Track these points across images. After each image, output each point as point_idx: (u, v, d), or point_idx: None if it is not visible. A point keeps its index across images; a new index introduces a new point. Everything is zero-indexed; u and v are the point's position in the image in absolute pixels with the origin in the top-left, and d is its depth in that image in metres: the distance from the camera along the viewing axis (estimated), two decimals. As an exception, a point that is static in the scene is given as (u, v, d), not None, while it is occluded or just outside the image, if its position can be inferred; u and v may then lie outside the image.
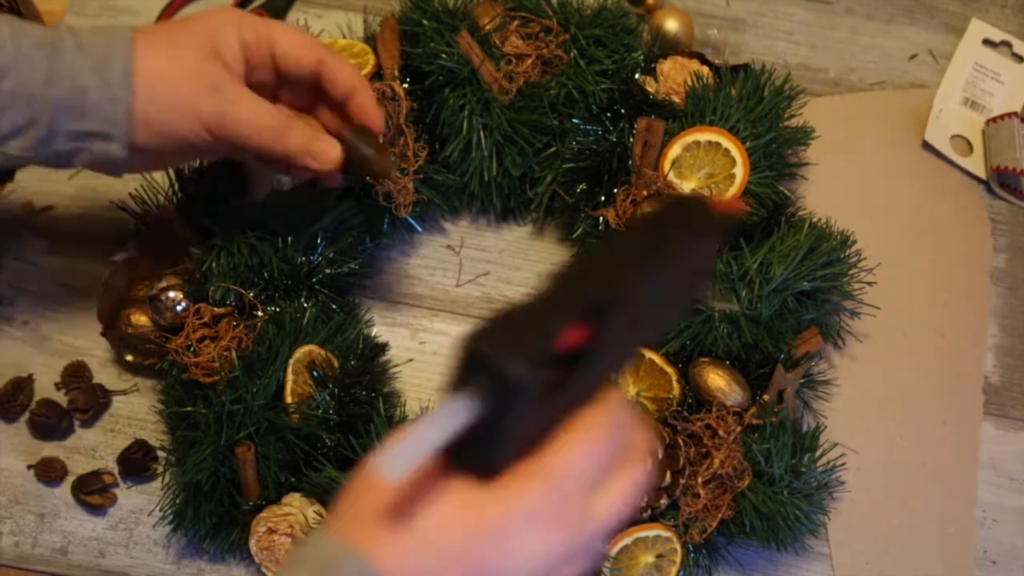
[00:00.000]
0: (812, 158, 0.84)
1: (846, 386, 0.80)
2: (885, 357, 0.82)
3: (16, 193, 0.85)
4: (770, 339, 0.73)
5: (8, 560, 0.76)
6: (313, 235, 0.74)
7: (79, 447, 0.78)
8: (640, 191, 0.77)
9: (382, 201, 0.77)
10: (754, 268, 0.73)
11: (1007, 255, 0.87)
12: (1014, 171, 0.86)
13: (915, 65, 0.92)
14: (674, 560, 0.71)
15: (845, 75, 0.92)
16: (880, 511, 0.78)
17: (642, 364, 0.75)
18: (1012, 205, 0.88)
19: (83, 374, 0.79)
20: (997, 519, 0.79)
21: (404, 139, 0.77)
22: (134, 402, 0.79)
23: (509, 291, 0.84)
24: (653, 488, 0.69)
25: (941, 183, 0.88)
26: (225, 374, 0.70)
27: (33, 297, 0.82)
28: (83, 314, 0.81)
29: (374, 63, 0.80)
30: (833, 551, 0.77)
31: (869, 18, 0.94)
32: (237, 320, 0.72)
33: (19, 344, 0.81)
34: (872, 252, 0.78)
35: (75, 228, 0.84)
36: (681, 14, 0.87)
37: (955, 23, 0.93)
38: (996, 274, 0.86)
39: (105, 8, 0.92)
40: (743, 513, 0.71)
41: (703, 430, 0.72)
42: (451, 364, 0.41)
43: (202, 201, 0.75)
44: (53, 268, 0.83)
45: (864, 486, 0.78)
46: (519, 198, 0.82)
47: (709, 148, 0.77)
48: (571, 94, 0.79)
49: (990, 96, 0.91)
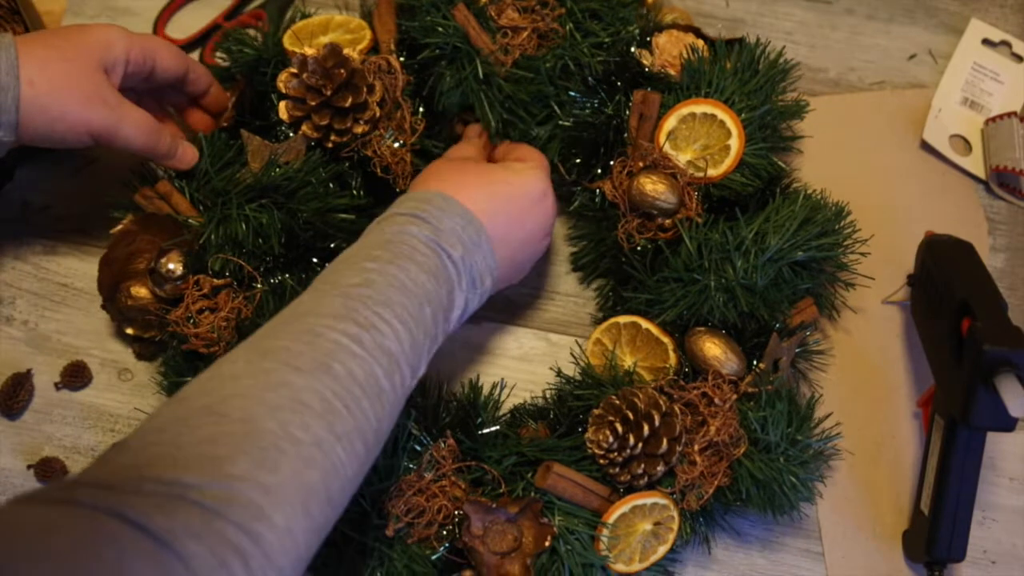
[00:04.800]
0: (809, 154, 0.85)
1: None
2: (876, 350, 0.83)
3: (15, 193, 0.85)
4: (766, 308, 0.74)
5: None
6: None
7: (79, 447, 0.78)
8: (636, 163, 0.77)
9: (380, 174, 0.77)
10: (749, 238, 0.73)
11: (1006, 255, 0.87)
12: (1013, 171, 0.86)
13: (914, 65, 0.92)
14: (671, 527, 0.71)
15: (845, 75, 0.92)
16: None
17: (639, 334, 0.76)
18: (1011, 205, 0.88)
19: (82, 374, 0.79)
20: (997, 519, 0.79)
21: (401, 112, 0.78)
22: (133, 402, 0.79)
23: (509, 291, 0.83)
24: (650, 455, 0.70)
25: (939, 182, 0.88)
26: (224, 345, 0.70)
27: (33, 297, 0.82)
28: (82, 314, 0.81)
29: (371, 38, 0.81)
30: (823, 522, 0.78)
31: (869, 18, 0.94)
32: (236, 291, 0.73)
33: (19, 344, 0.81)
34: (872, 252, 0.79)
35: (74, 228, 0.84)
36: (681, 14, 0.87)
37: (954, 23, 0.94)
38: (995, 274, 0.86)
39: (104, 8, 0.92)
40: (739, 480, 0.71)
41: (699, 398, 0.73)
42: None
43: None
44: (52, 268, 0.83)
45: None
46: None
47: (705, 120, 0.77)
48: (567, 66, 0.79)
49: (989, 96, 0.91)
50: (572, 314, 0.84)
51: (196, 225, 0.74)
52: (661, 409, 0.70)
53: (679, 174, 0.76)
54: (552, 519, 0.70)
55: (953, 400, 0.70)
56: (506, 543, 0.68)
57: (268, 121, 0.78)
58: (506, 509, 0.69)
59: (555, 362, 0.81)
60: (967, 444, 0.71)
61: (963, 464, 0.71)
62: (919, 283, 0.79)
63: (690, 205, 0.76)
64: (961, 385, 0.68)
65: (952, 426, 0.71)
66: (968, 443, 0.71)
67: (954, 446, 0.71)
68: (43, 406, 0.79)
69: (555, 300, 0.84)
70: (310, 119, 0.76)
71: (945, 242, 0.78)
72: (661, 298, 0.75)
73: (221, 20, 0.90)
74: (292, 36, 0.80)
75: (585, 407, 0.73)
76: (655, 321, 0.76)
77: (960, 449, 0.71)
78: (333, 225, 0.77)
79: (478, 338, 0.83)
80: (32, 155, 0.84)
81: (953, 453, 0.71)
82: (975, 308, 0.69)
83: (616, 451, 0.70)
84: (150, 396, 0.79)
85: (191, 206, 0.75)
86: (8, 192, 0.84)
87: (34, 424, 0.79)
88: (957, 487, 0.71)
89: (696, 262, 0.74)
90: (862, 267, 0.78)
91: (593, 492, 0.71)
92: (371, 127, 0.77)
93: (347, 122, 0.75)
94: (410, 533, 0.68)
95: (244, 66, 0.79)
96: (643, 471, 0.70)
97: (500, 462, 0.71)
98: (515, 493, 0.70)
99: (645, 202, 0.75)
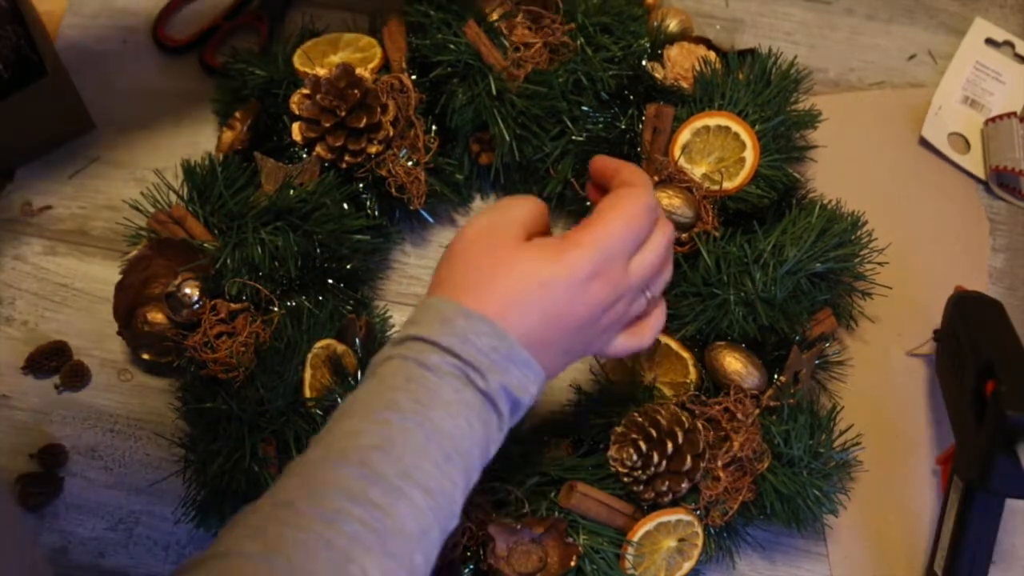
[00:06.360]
0: (809, 154, 0.85)
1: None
2: (880, 359, 0.82)
3: (15, 193, 0.84)
4: (785, 320, 0.74)
5: (11, 560, 0.76)
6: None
7: (78, 447, 0.78)
8: (651, 177, 0.77)
9: (395, 193, 0.77)
10: (768, 250, 0.73)
11: (1006, 255, 0.87)
12: (1013, 171, 0.86)
13: (914, 65, 0.92)
14: (696, 543, 0.71)
15: (844, 75, 0.92)
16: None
17: (658, 349, 0.75)
18: (1011, 205, 0.88)
19: (81, 374, 0.79)
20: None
21: (414, 131, 0.78)
22: (133, 402, 0.79)
23: None
24: (669, 464, 0.69)
25: (939, 182, 0.88)
26: (243, 370, 0.70)
27: (32, 297, 0.82)
28: (82, 314, 0.81)
29: (381, 56, 0.80)
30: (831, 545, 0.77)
31: (869, 18, 0.94)
32: (254, 315, 0.72)
33: (18, 344, 0.80)
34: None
35: (74, 228, 0.84)
36: (681, 14, 0.87)
37: (954, 23, 0.93)
38: (994, 274, 0.86)
39: (104, 8, 0.91)
40: (764, 495, 0.71)
41: (721, 413, 0.72)
42: None
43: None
44: (52, 268, 0.83)
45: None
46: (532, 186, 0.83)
47: (719, 132, 0.77)
48: (579, 81, 0.79)
49: (990, 96, 0.90)
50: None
51: (211, 249, 0.73)
52: (684, 426, 0.70)
53: (695, 188, 0.76)
54: (577, 538, 0.69)
55: (972, 463, 0.69)
56: (531, 564, 0.68)
57: (282, 142, 0.78)
58: (530, 529, 0.68)
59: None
60: (985, 508, 0.69)
61: (980, 528, 0.70)
62: (945, 339, 0.78)
63: (706, 219, 0.76)
64: (981, 449, 0.67)
65: (970, 489, 0.70)
66: (986, 507, 0.69)
67: (971, 510, 0.69)
68: (43, 406, 0.79)
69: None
70: (324, 140, 0.75)
71: (974, 299, 0.76)
72: (680, 313, 0.75)
73: (221, 20, 0.90)
74: (302, 55, 0.79)
75: (607, 424, 0.73)
76: (675, 336, 0.75)
77: (977, 513, 0.69)
78: (349, 246, 0.76)
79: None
80: (32, 155, 0.84)
81: (970, 516, 0.69)
82: (1000, 371, 0.67)
83: (640, 469, 0.70)
84: (149, 396, 0.79)
85: (206, 230, 0.75)
86: (8, 192, 0.84)
87: (33, 424, 0.78)
88: (972, 551, 0.70)
89: (715, 276, 0.74)
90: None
91: (617, 510, 0.70)
92: (385, 147, 0.77)
93: (361, 142, 0.75)
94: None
95: (256, 88, 0.79)
96: (667, 488, 0.69)
97: (523, 482, 0.71)
98: (539, 513, 0.70)
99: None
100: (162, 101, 0.88)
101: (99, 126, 0.87)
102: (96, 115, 0.86)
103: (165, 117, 0.87)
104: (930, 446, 0.80)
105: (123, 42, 0.90)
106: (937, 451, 0.80)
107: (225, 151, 0.78)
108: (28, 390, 0.79)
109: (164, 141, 0.86)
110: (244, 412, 0.69)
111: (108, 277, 0.80)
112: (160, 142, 0.86)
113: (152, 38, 0.90)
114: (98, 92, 0.87)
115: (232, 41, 0.89)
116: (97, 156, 0.86)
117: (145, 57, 0.89)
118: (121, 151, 0.86)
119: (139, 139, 0.86)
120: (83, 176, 0.85)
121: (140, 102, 0.88)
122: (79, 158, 0.86)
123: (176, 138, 0.86)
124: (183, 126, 0.87)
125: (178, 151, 0.84)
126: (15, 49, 0.80)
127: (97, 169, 0.86)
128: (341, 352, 0.73)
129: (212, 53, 0.88)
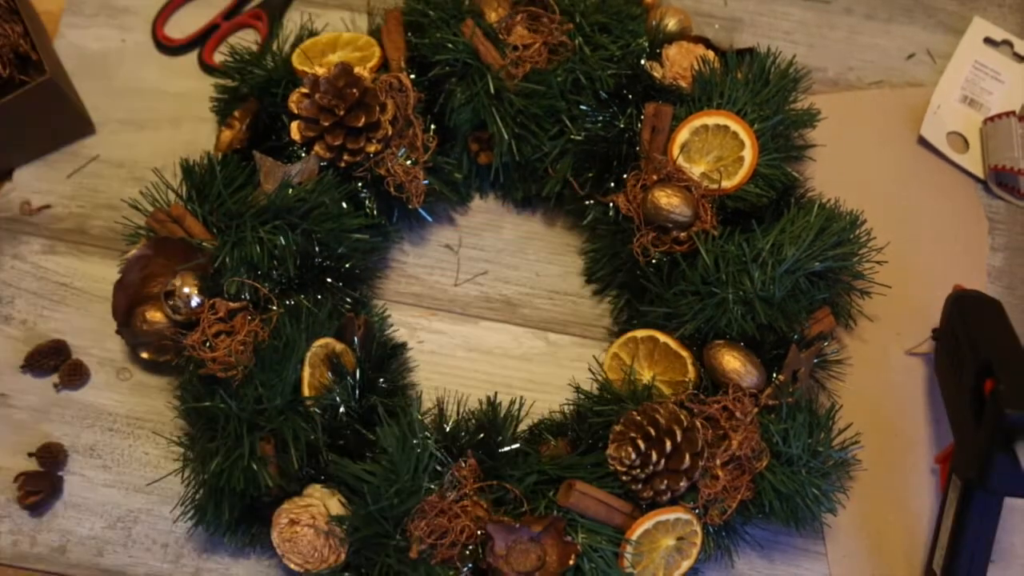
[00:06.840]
0: (808, 153, 0.85)
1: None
2: (879, 357, 0.82)
3: (14, 192, 0.84)
4: (784, 319, 0.74)
5: (7, 559, 0.76)
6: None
7: (77, 447, 0.78)
8: (650, 176, 0.77)
9: (394, 192, 0.77)
10: (766, 249, 0.73)
11: (1005, 254, 0.87)
12: (1012, 170, 0.86)
13: (913, 64, 0.92)
14: (694, 542, 0.71)
15: (843, 74, 0.92)
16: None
17: (656, 348, 0.75)
18: (1009, 204, 0.88)
19: (80, 373, 0.79)
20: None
21: (413, 130, 0.78)
22: (132, 401, 0.79)
23: (507, 290, 0.84)
24: (672, 471, 0.69)
25: (938, 181, 0.88)
26: (242, 369, 0.70)
27: (32, 296, 0.82)
28: (81, 313, 0.81)
29: (380, 55, 0.80)
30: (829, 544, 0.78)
31: (868, 18, 0.94)
32: (252, 314, 0.72)
33: (18, 344, 0.80)
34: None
35: (73, 227, 0.84)
36: (680, 13, 0.87)
37: (953, 23, 0.93)
38: (993, 272, 0.86)
39: (103, 7, 0.91)
40: (762, 494, 0.71)
41: (720, 412, 0.72)
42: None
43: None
44: (51, 267, 0.83)
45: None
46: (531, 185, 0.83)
47: (717, 131, 0.77)
48: (578, 80, 0.79)
49: (989, 95, 0.91)
50: (571, 313, 0.83)
51: (210, 248, 0.73)
52: (683, 424, 0.70)
53: (693, 186, 0.76)
54: (575, 537, 0.69)
55: (971, 462, 0.69)
56: (530, 562, 0.68)
57: (280, 141, 0.78)
58: (529, 528, 0.68)
59: (554, 361, 0.81)
60: (983, 507, 0.69)
61: (978, 527, 0.70)
62: (943, 338, 0.78)
63: (705, 217, 0.76)
64: (980, 447, 0.67)
65: (969, 488, 0.70)
66: (984, 506, 0.69)
67: (970, 508, 0.69)
68: (41, 405, 0.79)
69: (554, 300, 0.84)
70: (323, 139, 0.75)
71: (973, 298, 0.76)
72: (679, 311, 0.75)
73: (220, 20, 0.90)
74: (301, 55, 0.79)
75: (605, 423, 0.73)
76: (673, 335, 0.75)
77: (976, 511, 0.69)
78: (347, 245, 0.77)
79: (477, 337, 0.82)
80: (31, 154, 0.84)
81: (969, 515, 0.70)
82: (998, 370, 0.67)
83: (639, 467, 0.70)
84: (148, 395, 0.79)
85: (205, 229, 0.75)
86: (7, 191, 0.84)
87: (32, 423, 0.79)
88: (971, 550, 0.70)
89: (713, 275, 0.74)
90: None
91: (616, 509, 0.70)
92: (384, 146, 0.77)
93: (360, 141, 0.75)
94: (433, 554, 0.68)
95: (254, 87, 0.79)
96: (666, 487, 0.69)
97: (521, 480, 0.71)
98: (537, 511, 0.70)
99: (660, 215, 0.75)
100: (161, 100, 0.88)
101: (98, 125, 0.87)
102: (95, 114, 0.87)
103: (164, 116, 0.87)
104: (929, 445, 0.80)
105: (122, 41, 0.90)
106: (936, 450, 0.80)
107: (224, 150, 0.78)
108: (27, 389, 0.80)
109: (163, 140, 0.86)
110: (243, 411, 0.69)
111: (107, 276, 0.80)
112: (159, 141, 0.86)
113: (151, 37, 0.90)
114: (97, 91, 0.87)
115: (231, 40, 0.90)
116: (96, 155, 0.86)
117: (144, 56, 0.90)
118: (120, 150, 0.86)
119: (138, 138, 0.87)
120: (82, 175, 0.86)
121: (139, 101, 0.88)
122: (78, 157, 0.86)
123: (175, 137, 0.86)
124: (182, 125, 0.87)
125: (177, 150, 0.84)
126: (15, 49, 0.81)
127: (96, 168, 0.86)
128: (340, 351, 0.73)
129: (211, 52, 0.89)
